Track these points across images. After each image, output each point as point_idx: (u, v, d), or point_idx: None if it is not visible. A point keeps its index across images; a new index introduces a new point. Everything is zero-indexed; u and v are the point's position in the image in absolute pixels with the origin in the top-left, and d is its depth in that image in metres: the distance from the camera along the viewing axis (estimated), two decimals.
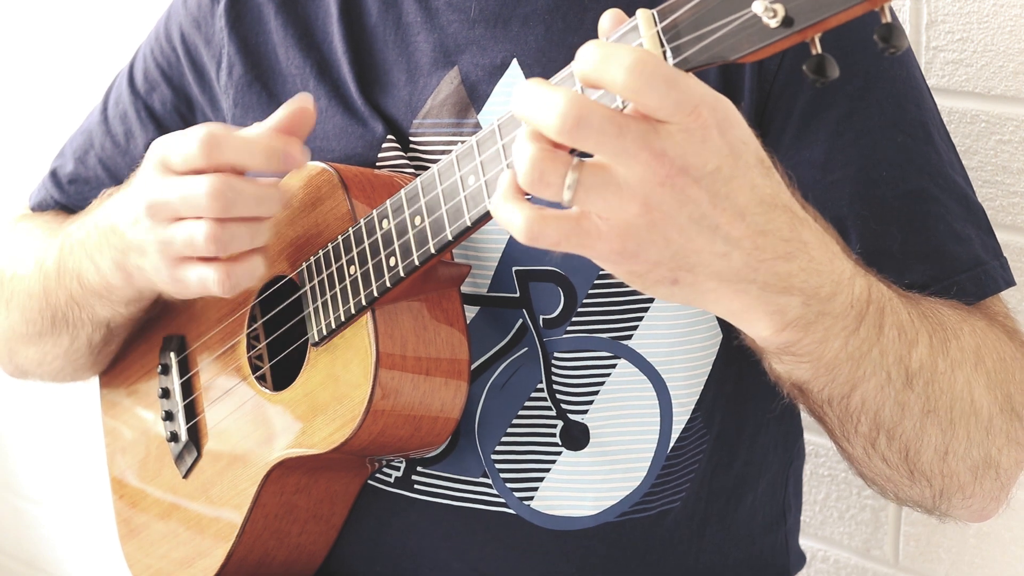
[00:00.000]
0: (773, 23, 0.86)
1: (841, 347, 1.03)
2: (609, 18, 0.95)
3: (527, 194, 0.91)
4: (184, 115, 1.46)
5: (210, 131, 1.16)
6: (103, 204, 1.33)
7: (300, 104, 1.19)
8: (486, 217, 1.06)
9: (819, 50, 0.86)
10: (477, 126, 1.27)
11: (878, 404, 1.08)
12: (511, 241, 1.25)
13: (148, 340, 1.45)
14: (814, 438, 1.59)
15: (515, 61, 1.27)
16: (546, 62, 1.26)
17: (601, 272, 1.24)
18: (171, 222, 1.18)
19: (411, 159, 1.29)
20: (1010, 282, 1.23)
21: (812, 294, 0.97)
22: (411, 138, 1.29)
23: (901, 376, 1.07)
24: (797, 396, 1.11)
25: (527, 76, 1.26)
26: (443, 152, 1.27)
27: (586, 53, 0.88)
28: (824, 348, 1.02)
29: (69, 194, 1.54)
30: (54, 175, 1.56)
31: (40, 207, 1.57)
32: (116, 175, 1.51)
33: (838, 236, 1.07)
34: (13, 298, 1.46)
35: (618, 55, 0.87)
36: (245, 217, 1.16)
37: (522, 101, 0.89)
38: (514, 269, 1.26)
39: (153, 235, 1.19)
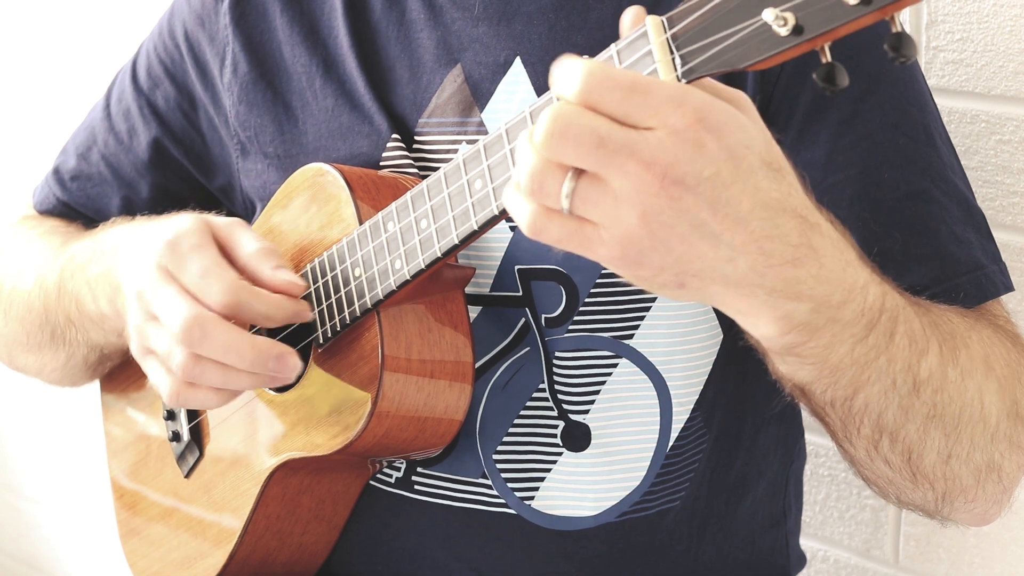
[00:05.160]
0: (783, 31, 0.85)
1: (847, 352, 1.02)
2: (629, 16, 0.94)
3: None
4: (187, 112, 1.46)
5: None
6: (109, 232, 1.34)
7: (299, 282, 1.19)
8: (493, 221, 1.05)
9: (829, 58, 0.86)
10: (480, 124, 1.26)
11: (881, 408, 1.08)
12: (513, 240, 1.25)
13: None
14: (814, 438, 1.59)
15: (518, 59, 1.26)
16: (549, 61, 1.24)
17: (603, 271, 1.24)
18: (152, 318, 1.19)
19: (415, 159, 1.28)
20: (1009, 287, 1.22)
21: (822, 301, 0.97)
22: (416, 137, 1.29)
23: (908, 384, 1.07)
24: (799, 397, 1.10)
25: (530, 75, 1.26)
26: (447, 151, 1.27)
27: (555, 71, 0.89)
28: (829, 352, 1.01)
29: (71, 191, 1.54)
30: (57, 172, 1.56)
31: (43, 205, 1.57)
32: (119, 172, 1.50)
33: (855, 243, 1.05)
34: (12, 309, 1.47)
35: (573, 68, 0.87)
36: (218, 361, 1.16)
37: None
38: (516, 268, 1.26)
39: (135, 315, 1.21)
